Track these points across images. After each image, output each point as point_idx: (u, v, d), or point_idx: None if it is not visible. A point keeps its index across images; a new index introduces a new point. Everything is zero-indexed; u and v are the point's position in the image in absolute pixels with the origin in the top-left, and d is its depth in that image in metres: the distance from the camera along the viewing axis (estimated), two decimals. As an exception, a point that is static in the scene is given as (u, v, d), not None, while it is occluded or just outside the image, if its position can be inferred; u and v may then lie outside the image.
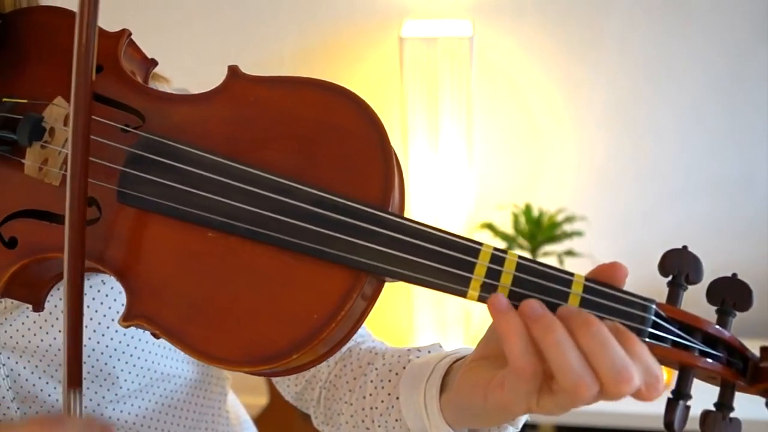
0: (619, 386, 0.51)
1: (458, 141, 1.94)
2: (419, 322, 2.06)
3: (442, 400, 0.65)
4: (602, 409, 1.99)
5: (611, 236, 2.19)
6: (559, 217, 2.04)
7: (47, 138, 0.67)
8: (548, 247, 2.03)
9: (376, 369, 0.76)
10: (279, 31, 2.10)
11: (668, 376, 1.12)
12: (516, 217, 2.06)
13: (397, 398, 0.71)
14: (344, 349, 0.83)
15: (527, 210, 2.05)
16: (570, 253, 2.01)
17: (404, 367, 0.73)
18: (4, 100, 0.70)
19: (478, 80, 2.02)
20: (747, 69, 2.02)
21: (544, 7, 2.02)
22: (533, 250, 2.03)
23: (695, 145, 2.11)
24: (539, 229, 2.02)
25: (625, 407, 1.97)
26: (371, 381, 0.76)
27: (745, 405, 0.62)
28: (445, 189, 1.98)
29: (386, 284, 0.62)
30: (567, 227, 2.03)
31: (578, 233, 2.03)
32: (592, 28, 2.03)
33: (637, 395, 0.52)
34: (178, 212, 0.62)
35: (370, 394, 0.75)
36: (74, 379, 0.63)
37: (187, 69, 0.87)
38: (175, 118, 0.68)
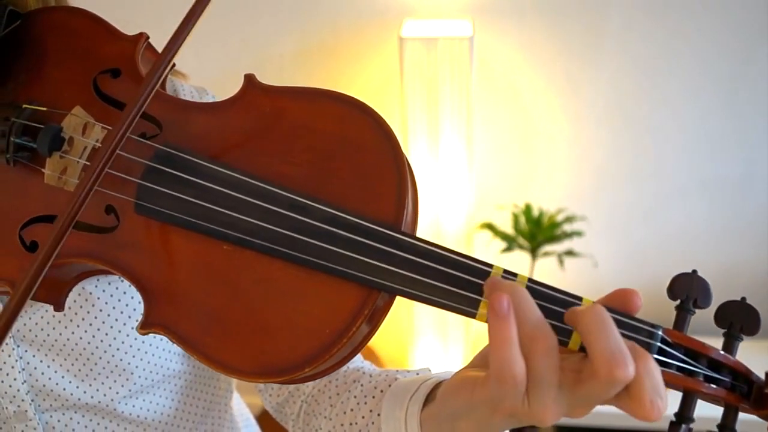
0: (611, 370, 0.50)
1: (458, 141, 1.94)
2: (419, 323, 2.06)
3: (423, 414, 0.65)
4: (602, 409, 1.99)
5: (611, 236, 2.19)
6: (559, 217, 2.04)
7: (66, 148, 0.68)
8: (548, 247, 2.04)
9: (361, 385, 0.76)
10: (279, 31, 2.10)
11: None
12: (516, 217, 2.06)
13: (378, 415, 0.71)
14: None
15: (527, 210, 2.05)
16: (570, 253, 2.01)
17: (389, 385, 0.73)
18: (24, 106, 0.71)
19: (478, 80, 2.02)
20: (747, 69, 2.02)
21: (544, 7, 2.01)
22: (533, 250, 2.04)
23: (696, 145, 2.11)
24: (539, 229, 2.02)
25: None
26: (354, 397, 0.76)
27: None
28: (445, 189, 1.98)
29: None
30: (567, 227, 2.03)
31: (578, 233, 2.03)
32: (593, 28, 2.03)
33: (639, 409, 0.52)
34: (194, 226, 0.64)
35: (351, 410, 0.75)
36: None
37: (187, 69, 0.87)
38: (191, 127, 0.69)
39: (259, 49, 2.13)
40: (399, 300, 0.62)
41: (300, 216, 0.61)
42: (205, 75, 1.70)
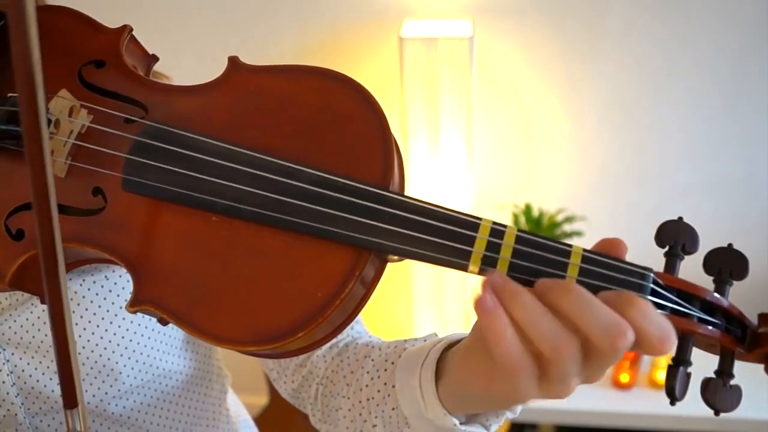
0: (613, 343, 0.50)
1: (458, 141, 1.94)
2: (418, 320, 2.05)
3: (439, 386, 0.66)
4: (603, 410, 1.98)
5: (612, 236, 2.18)
6: (559, 217, 2.04)
7: (53, 129, 0.68)
8: (548, 247, 2.03)
9: (372, 360, 0.77)
10: (279, 31, 2.11)
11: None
12: (516, 217, 2.06)
13: (393, 386, 0.72)
14: (342, 342, 0.84)
15: (527, 210, 2.05)
16: (570, 252, 2.01)
17: (400, 356, 0.74)
18: (9, 95, 0.71)
19: (478, 80, 2.02)
20: (749, 67, 2.02)
21: (544, 7, 2.02)
22: (533, 250, 2.03)
23: (697, 144, 2.11)
24: (539, 229, 2.02)
25: (626, 407, 1.97)
26: (368, 372, 0.76)
27: (748, 405, 0.62)
28: (445, 189, 1.98)
29: (386, 280, 0.63)
30: (567, 227, 2.03)
31: (578, 233, 2.03)
32: (593, 28, 2.03)
33: (651, 350, 0.52)
34: (183, 198, 0.64)
35: (367, 386, 0.75)
36: (70, 399, 0.61)
37: (187, 68, 0.88)
38: (177, 108, 0.69)
39: (259, 49, 2.13)
40: (397, 296, 0.62)
41: (287, 180, 0.62)
42: (205, 75, 1.71)
